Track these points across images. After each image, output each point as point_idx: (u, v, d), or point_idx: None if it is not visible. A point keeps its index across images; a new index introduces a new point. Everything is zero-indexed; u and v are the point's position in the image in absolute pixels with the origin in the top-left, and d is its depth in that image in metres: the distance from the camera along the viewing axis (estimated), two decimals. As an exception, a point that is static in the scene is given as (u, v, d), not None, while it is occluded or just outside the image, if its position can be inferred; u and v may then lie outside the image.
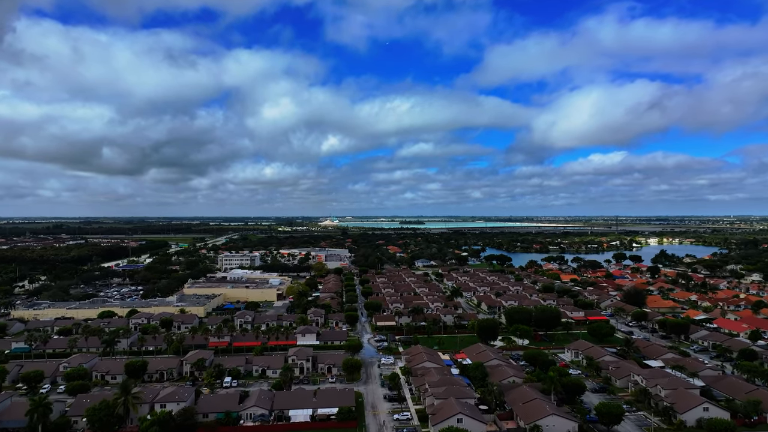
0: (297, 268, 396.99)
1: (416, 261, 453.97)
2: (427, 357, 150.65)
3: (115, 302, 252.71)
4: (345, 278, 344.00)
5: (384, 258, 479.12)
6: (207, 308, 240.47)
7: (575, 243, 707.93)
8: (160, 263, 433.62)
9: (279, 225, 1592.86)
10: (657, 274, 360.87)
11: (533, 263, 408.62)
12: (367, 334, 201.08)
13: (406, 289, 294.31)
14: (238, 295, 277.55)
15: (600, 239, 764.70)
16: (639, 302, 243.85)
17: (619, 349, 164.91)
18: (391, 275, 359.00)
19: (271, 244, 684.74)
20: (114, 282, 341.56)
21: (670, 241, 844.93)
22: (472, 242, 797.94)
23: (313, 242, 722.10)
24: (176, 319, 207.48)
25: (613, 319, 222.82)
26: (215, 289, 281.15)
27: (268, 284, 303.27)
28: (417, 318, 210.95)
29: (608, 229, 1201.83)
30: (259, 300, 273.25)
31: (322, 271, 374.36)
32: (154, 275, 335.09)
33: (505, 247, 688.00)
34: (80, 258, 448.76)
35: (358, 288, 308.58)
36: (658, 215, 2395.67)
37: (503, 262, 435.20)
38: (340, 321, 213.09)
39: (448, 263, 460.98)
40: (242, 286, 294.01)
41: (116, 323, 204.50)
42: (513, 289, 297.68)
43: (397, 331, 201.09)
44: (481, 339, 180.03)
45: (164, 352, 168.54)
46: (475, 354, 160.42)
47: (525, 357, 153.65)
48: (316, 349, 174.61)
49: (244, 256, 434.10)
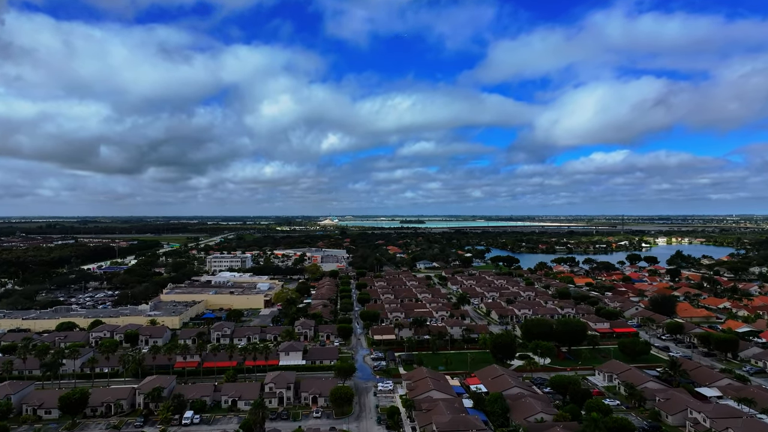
0: (290, 271, 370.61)
1: (417, 263, 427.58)
2: (433, 384, 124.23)
3: (81, 311, 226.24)
4: (341, 282, 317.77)
5: (383, 259, 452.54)
6: (183, 318, 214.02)
7: (582, 243, 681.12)
8: (144, 265, 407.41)
9: (278, 224, 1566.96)
10: (678, 277, 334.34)
11: (543, 265, 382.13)
12: (362, 350, 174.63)
13: (407, 295, 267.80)
14: (221, 302, 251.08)
15: (607, 239, 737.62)
16: (668, 311, 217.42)
17: (662, 372, 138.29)
18: (390, 278, 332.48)
19: (266, 244, 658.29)
20: (90, 286, 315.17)
21: (680, 240, 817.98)
22: (474, 242, 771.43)
23: (310, 242, 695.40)
24: (144, 332, 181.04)
25: (641, 331, 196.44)
26: (197, 296, 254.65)
27: (255, 289, 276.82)
28: (420, 331, 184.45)
29: (613, 228, 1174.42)
30: (245, 307, 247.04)
31: (316, 274, 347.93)
32: (134, 279, 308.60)
33: (509, 248, 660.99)
34: (61, 259, 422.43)
35: (354, 293, 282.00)
36: (659, 214, 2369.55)
37: (510, 264, 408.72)
38: (332, 334, 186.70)
39: (452, 265, 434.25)
40: (227, 291, 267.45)
41: (74, 337, 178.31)
42: (524, 294, 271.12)
43: (397, 346, 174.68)
44: (495, 358, 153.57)
45: (122, 375, 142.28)
46: (491, 379, 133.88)
47: (552, 384, 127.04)
48: (302, 370, 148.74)
49: (234, 258, 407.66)
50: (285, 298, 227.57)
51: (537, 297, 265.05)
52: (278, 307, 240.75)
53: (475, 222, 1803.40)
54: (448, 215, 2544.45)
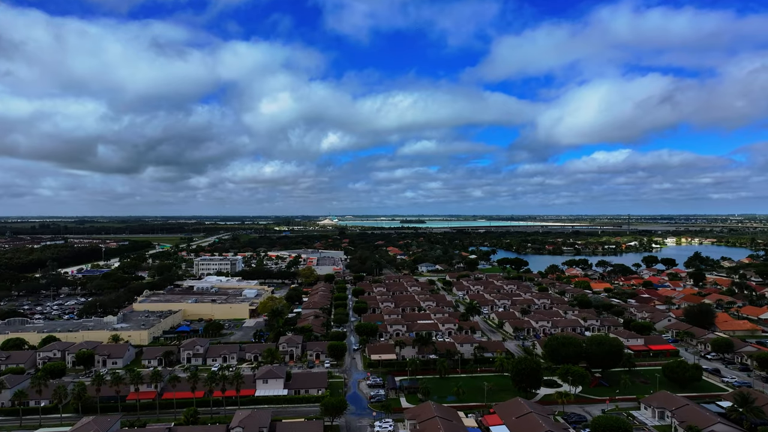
0: (282, 275, 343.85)
1: (419, 265, 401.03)
2: (443, 427, 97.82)
3: (39, 323, 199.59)
4: (336, 287, 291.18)
5: (383, 262, 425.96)
6: (154, 331, 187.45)
7: (590, 244, 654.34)
8: (127, 268, 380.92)
9: (276, 224, 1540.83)
10: (702, 282, 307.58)
11: (554, 268, 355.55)
12: (357, 374, 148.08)
13: (408, 303, 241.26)
14: (201, 312, 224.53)
15: (616, 239, 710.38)
16: (706, 323, 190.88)
17: (728, 409, 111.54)
18: (390, 284, 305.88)
19: (260, 245, 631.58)
20: (63, 292, 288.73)
21: (689, 241, 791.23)
22: (477, 242, 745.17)
23: (307, 243, 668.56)
24: (102, 351, 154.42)
25: (680, 348, 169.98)
26: (174, 304, 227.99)
27: (241, 297, 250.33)
28: (424, 349, 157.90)
29: (618, 228, 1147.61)
30: (228, 318, 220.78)
31: (310, 279, 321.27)
32: (111, 284, 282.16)
33: (515, 249, 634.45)
34: (39, 262, 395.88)
35: (351, 301, 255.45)
36: (660, 214, 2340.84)
37: (519, 267, 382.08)
38: (323, 353, 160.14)
39: (456, 268, 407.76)
40: (208, 299, 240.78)
41: (18, 358, 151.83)
42: (539, 302, 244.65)
43: (399, 368, 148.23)
44: (517, 386, 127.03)
45: (63, 410, 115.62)
46: (515, 418, 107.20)
47: (595, 427, 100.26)
48: (283, 402, 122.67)
49: (224, 261, 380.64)
50: (271, 309, 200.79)
51: (553, 305, 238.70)
52: (264, 317, 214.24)
53: (476, 222, 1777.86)
54: (448, 215, 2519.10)
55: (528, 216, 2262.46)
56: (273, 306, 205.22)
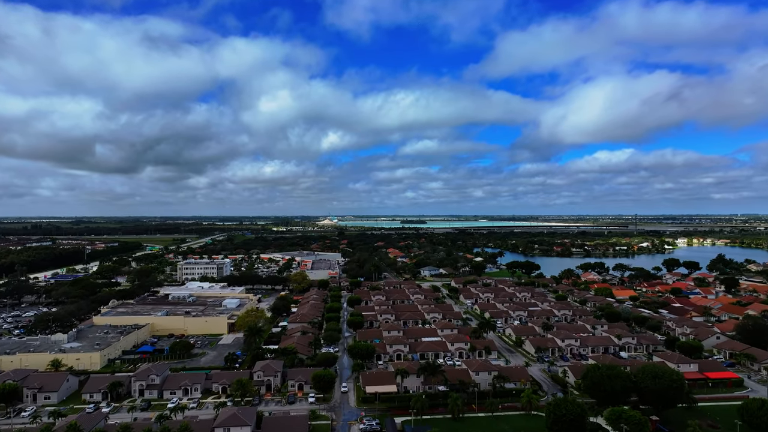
0: (272, 280, 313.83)
1: (422, 269, 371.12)
2: None
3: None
4: (330, 295, 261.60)
5: (383, 265, 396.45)
6: (109, 352, 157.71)
7: (600, 245, 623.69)
8: (105, 272, 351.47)
9: (275, 225, 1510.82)
10: (734, 288, 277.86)
11: (569, 273, 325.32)
12: (348, 412, 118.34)
13: (411, 315, 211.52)
14: (172, 326, 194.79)
15: (626, 240, 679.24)
16: (763, 341, 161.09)
17: None
18: (390, 291, 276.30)
19: (255, 246, 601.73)
20: (25, 301, 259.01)
21: (701, 241, 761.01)
22: (481, 243, 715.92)
23: (303, 244, 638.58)
24: (31, 383, 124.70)
25: (741, 374, 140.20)
26: (141, 317, 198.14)
27: (221, 307, 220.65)
28: (432, 380, 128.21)
29: (625, 228, 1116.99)
30: (202, 333, 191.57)
31: (302, 284, 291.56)
32: (79, 292, 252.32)
33: (521, 250, 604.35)
34: (11, 265, 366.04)
35: (345, 313, 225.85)
36: (663, 214, 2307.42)
37: (529, 271, 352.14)
38: (306, 383, 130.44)
39: (461, 272, 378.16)
40: (183, 311, 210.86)
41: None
42: (558, 313, 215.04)
43: (400, 404, 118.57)
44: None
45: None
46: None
47: None
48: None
49: (210, 264, 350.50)
50: (249, 324, 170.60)
51: (576, 317, 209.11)
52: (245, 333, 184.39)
53: (478, 222, 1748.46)
54: (449, 215, 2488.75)
55: (530, 216, 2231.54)
56: (252, 321, 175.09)
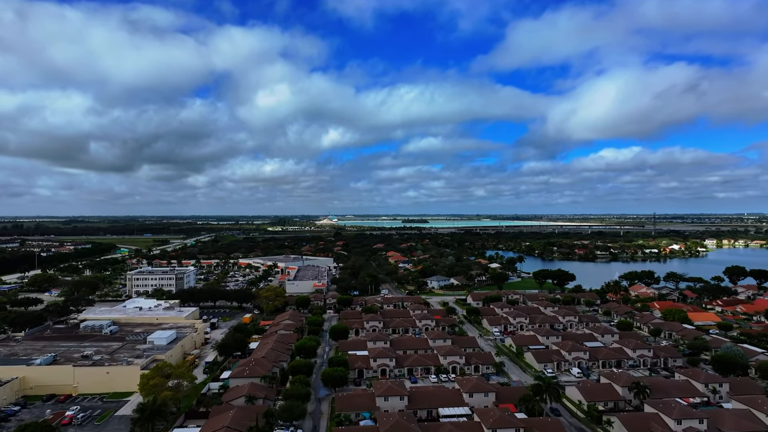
0: (240, 295, 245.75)
1: (429, 279, 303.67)
2: None
3: None
4: (309, 321, 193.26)
5: (381, 273, 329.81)
6: None
7: (626, 247, 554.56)
8: (40, 282, 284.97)
9: (272, 224, 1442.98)
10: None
11: (617, 286, 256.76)
12: None
13: (420, 360, 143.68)
14: (56, 381, 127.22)
15: (652, 242, 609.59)
16: None
17: None
18: (390, 312, 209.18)
19: (239, 249, 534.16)
20: None
21: (732, 243, 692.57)
22: (491, 245, 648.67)
23: (293, 247, 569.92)
24: None
25: None
26: (10, 368, 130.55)
27: (145, 344, 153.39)
28: None
29: (641, 228, 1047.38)
30: (102, 391, 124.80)
31: (276, 302, 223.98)
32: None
33: (537, 253, 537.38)
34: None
35: (326, 350, 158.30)
36: (665, 213, 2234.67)
37: (562, 281, 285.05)
38: None
39: (476, 281, 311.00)
40: (79, 353, 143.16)
41: None
42: (634, 355, 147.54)
43: None
44: None
45: None
46: None
47: None
48: None
49: (167, 274, 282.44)
50: (154, 388, 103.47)
51: (659, 358, 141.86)
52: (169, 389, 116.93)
53: (481, 221, 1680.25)
54: (451, 214, 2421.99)
55: (533, 215, 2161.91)
56: (155, 390, 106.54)
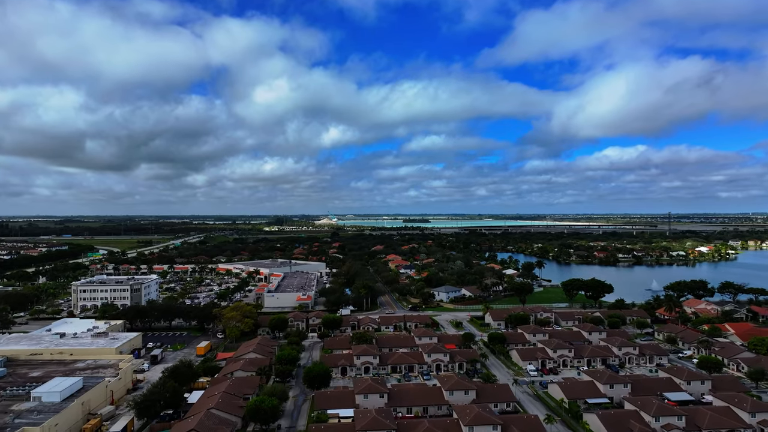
0: (201, 314, 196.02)
1: (436, 290, 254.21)
2: None
3: None
4: (280, 356, 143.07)
5: (380, 284, 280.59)
6: None
7: (651, 249, 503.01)
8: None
9: (269, 224, 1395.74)
10: None
11: (671, 300, 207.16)
12: None
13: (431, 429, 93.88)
14: None
15: (682, 245, 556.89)
16: None
17: None
18: (388, 341, 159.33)
19: (225, 251, 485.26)
20: None
21: (759, 245, 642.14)
22: (498, 246, 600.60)
23: (284, 249, 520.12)
24: None
25: None
26: None
27: (30, 401, 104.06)
28: None
29: (654, 228, 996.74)
30: None
31: (244, 325, 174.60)
32: None
33: (551, 256, 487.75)
34: None
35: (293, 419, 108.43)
36: (668, 212, 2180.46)
37: (597, 295, 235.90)
38: None
39: (491, 292, 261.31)
40: None
41: None
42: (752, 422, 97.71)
43: None
44: None
45: None
46: None
47: None
48: None
49: (120, 285, 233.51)
50: None
51: None
52: None
53: (484, 221, 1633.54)
54: (452, 214, 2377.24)
55: (535, 215, 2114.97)
56: None
